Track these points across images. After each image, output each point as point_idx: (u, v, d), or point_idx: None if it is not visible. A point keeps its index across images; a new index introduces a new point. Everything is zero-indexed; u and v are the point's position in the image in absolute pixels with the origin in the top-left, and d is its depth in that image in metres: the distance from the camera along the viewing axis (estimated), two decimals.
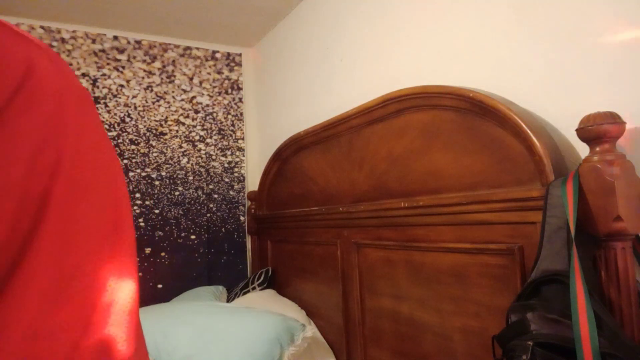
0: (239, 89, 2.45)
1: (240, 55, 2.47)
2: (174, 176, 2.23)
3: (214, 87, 2.38)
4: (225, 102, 2.40)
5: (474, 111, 1.08)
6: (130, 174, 2.13)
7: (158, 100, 2.23)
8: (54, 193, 0.24)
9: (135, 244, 0.30)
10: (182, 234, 2.21)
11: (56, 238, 0.24)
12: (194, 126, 2.30)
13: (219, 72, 2.40)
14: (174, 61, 2.29)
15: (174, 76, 2.28)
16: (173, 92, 2.27)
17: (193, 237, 2.23)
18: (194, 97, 2.32)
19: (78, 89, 0.27)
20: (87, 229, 0.25)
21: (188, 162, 2.27)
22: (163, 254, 2.15)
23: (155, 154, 2.20)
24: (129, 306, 0.27)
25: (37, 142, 0.23)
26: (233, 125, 2.40)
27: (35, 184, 0.23)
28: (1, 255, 0.22)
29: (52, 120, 0.24)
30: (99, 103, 2.10)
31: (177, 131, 2.26)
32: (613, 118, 0.82)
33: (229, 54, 2.43)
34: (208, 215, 2.28)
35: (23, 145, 0.23)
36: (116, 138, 2.13)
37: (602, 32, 0.93)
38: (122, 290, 0.27)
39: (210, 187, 2.31)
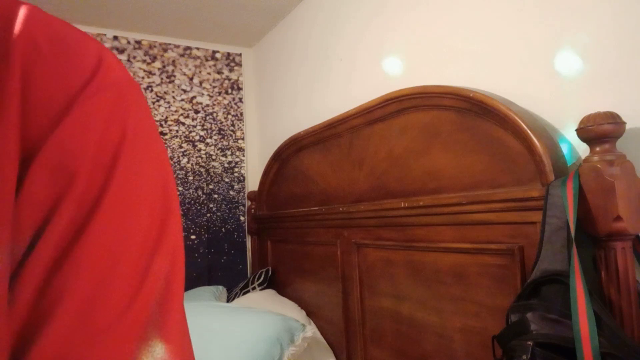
0: (239, 89, 2.45)
1: (240, 55, 2.47)
2: (174, 176, 2.23)
3: (214, 87, 2.38)
4: (225, 102, 2.40)
5: (474, 111, 1.08)
6: None
7: (158, 100, 2.23)
8: (118, 163, 0.28)
9: (181, 221, 0.33)
10: (182, 234, 2.21)
11: (116, 208, 0.28)
12: (194, 126, 2.30)
13: (219, 72, 2.40)
14: (174, 61, 2.29)
15: (174, 76, 2.28)
16: (173, 92, 2.27)
17: (193, 237, 2.23)
18: (194, 97, 2.32)
19: (134, 81, 0.32)
20: (143, 201, 0.29)
21: (188, 162, 2.27)
22: None
23: None
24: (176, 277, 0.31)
25: (107, 116, 0.28)
26: (233, 125, 2.40)
27: (105, 153, 0.28)
28: (76, 210, 0.26)
29: (118, 101, 0.29)
30: None
31: (177, 131, 2.26)
32: (613, 118, 0.82)
33: (229, 54, 2.43)
34: (208, 215, 2.28)
35: (96, 119, 0.28)
36: None
37: (602, 32, 0.93)
38: (169, 264, 0.31)
39: (210, 187, 2.30)
